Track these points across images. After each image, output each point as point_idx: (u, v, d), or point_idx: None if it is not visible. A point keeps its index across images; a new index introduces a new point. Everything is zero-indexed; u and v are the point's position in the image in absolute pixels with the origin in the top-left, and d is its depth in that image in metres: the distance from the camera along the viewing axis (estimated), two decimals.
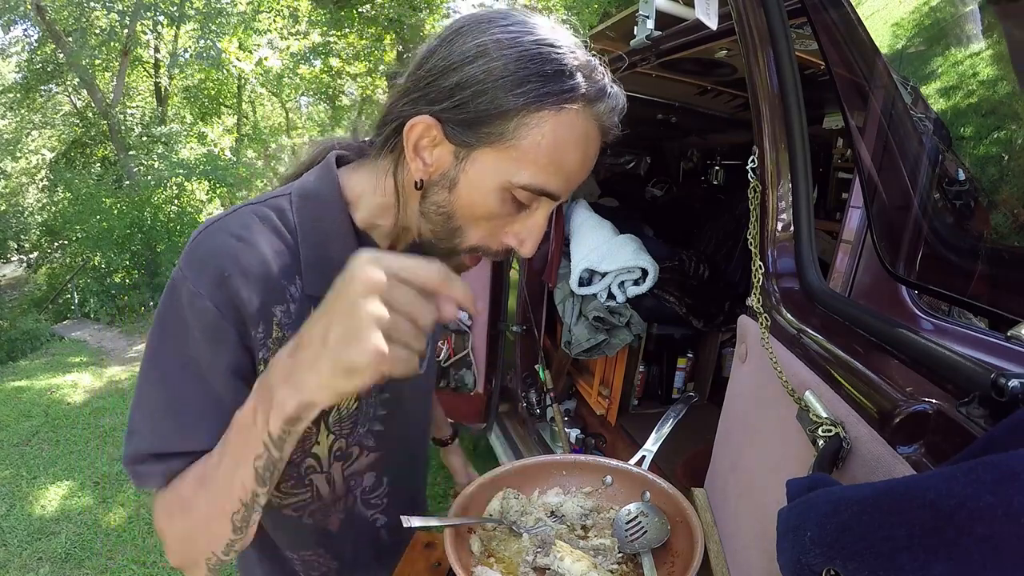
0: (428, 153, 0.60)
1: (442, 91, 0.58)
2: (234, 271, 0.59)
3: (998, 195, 0.62)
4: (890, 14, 0.68)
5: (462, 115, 0.57)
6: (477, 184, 0.59)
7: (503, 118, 0.56)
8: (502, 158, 0.58)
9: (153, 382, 0.62)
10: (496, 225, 0.62)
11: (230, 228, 0.61)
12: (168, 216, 10.01)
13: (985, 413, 0.40)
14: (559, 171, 0.59)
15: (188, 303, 0.59)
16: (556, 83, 0.56)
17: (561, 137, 0.57)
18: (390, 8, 10.11)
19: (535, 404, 2.62)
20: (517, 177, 0.58)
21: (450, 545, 0.66)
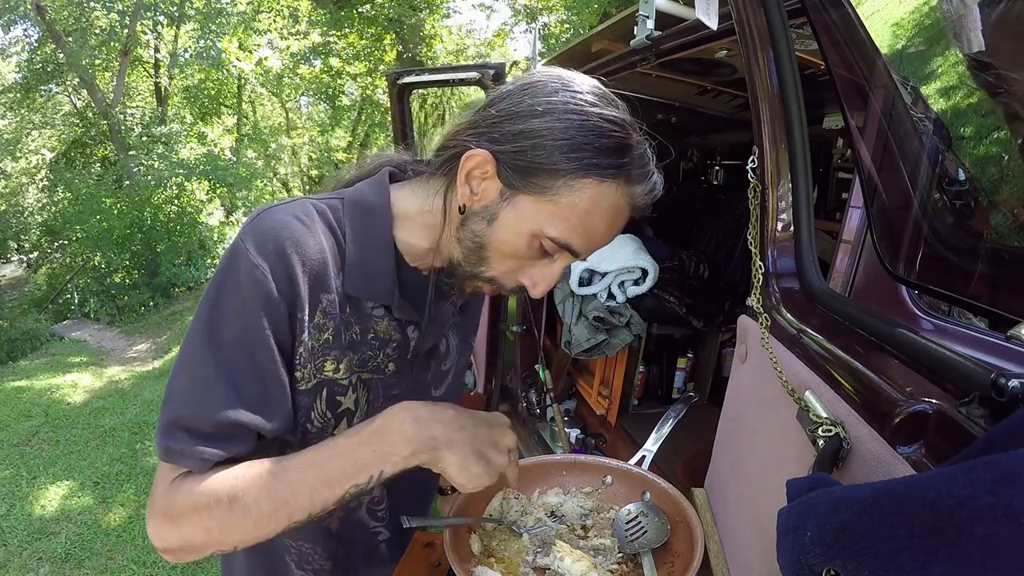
0: (478, 183, 0.65)
1: (505, 134, 0.63)
2: (295, 249, 0.63)
3: (998, 195, 0.62)
4: (890, 14, 0.68)
5: (517, 161, 0.62)
6: (512, 225, 0.64)
7: (552, 175, 0.61)
8: (541, 209, 0.63)
9: (206, 342, 0.61)
10: (519, 265, 0.67)
11: (294, 211, 0.65)
12: (168, 216, 10.02)
13: (985, 413, 0.40)
14: (585, 234, 0.64)
15: (246, 274, 0.61)
16: (607, 158, 0.61)
17: (596, 206, 0.63)
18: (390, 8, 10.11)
19: (535, 404, 2.62)
20: (549, 229, 0.63)
21: (450, 545, 0.66)
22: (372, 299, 0.70)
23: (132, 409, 4.35)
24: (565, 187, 0.62)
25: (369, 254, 0.69)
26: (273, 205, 0.66)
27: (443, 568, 0.79)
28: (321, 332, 0.66)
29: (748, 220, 0.78)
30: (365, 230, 0.69)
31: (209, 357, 0.61)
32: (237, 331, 0.61)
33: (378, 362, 0.73)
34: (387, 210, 0.71)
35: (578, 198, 0.62)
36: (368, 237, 0.69)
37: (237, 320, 0.61)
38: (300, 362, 0.66)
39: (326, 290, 0.66)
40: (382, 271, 0.70)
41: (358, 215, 0.70)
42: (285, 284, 0.62)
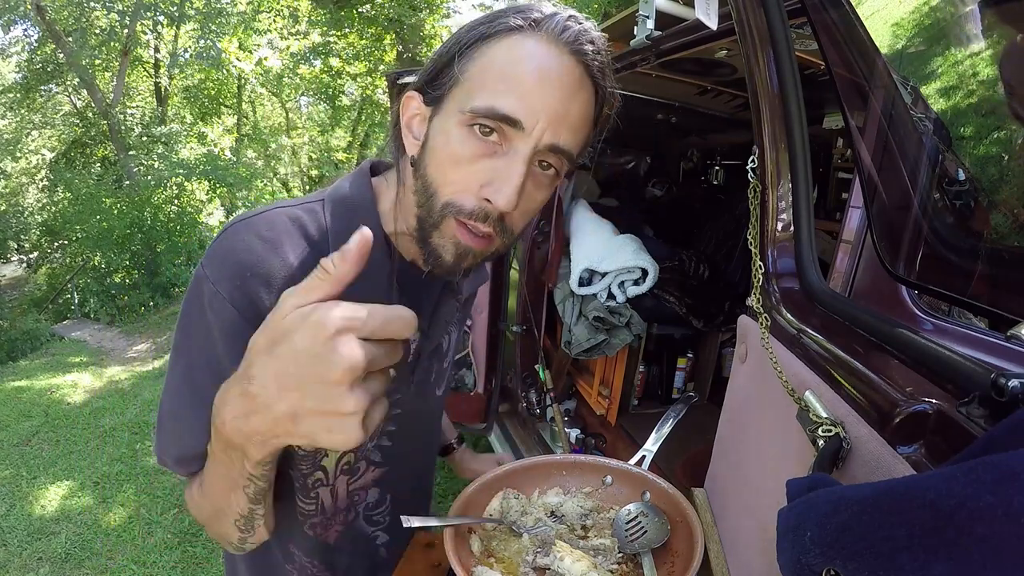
0: (419, 127, 0.63)
1: (425, 71, 0.62)
2: (255, 270, 0.59)
3: (998, 195, 0.62)
4: (890, 14, 0.68)
5: (430, 78, 0.61)
6: (440, 129, 0.60)
7: (451, 63, 0.59)
8: (457, 97, 0.59)
9: (182, 373, 0.64)
10: (467, 173, 0.59)
11: (255, 227, 0.61)
12: (168, 216, 10.01)
13: (985, 413, 0.40)
14: (511, 89, 0.56)
15: (208, 302, 0.60)
16: (500, 19, 0.58)
17: (506, 57, 0.57)
18: (390, 8, 10.11)
19: (535, 404, 2.62)
20: (468, 104, 0.57)
21: (450, 545, 0.66)
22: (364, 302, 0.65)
23: (132, 409, 4.35)
24: (468, 62, 0.58)
25: None
26: (236, 220, 0.63)
27: (443, 568, 0.79)
28: None
29: (748, 220, 0.78)
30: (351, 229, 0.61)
31: (186, 390, 0.63)
32: (205, 360, 0.61)
33: None
34: (372, 202, 0.66)
35: (484, 61, 0.58)
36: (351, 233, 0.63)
37: (205, 350, 0.61)
38: None
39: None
40: (372, 271, 0.63)
41: (341, 213, 0.65)
42: (248, 309, 0.59)
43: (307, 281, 0.45)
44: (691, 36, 1.48)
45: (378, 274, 0.65)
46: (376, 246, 0.63)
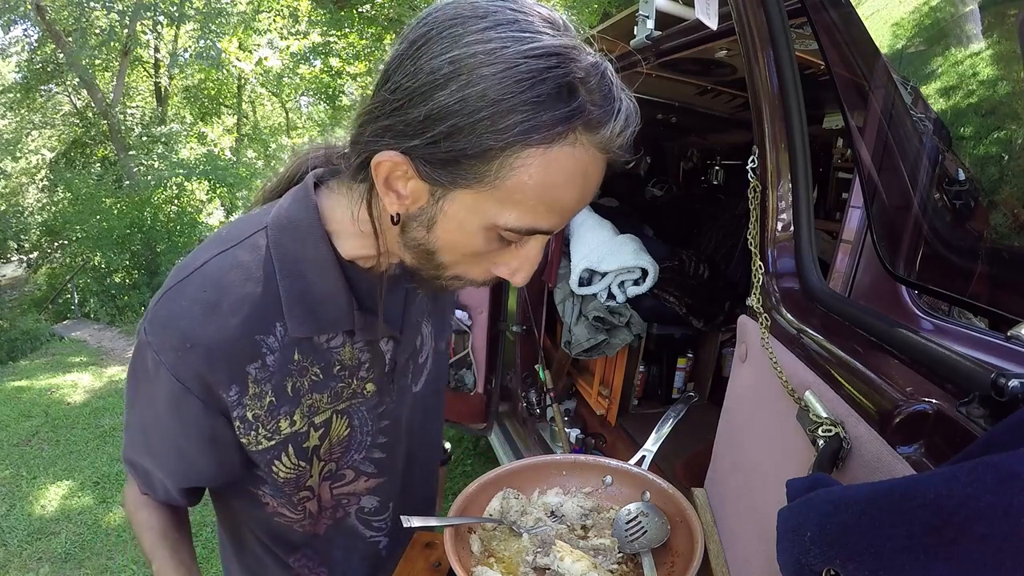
0: (402, 186, 0.52)
1: (410, 124, 0.48)
2: (195, 341, 0.57)
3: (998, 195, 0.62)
4: (890, 14, 0.68)
5: (435, 155, 0.48)
6: (457, 225, 0.52)
7: (483, 159, 0.47)
8: (484, 200, 0.50)
9: (136, 422, 0.68)
10: (484, 259, 0.56)
11: (192, 291, 0.58)
12: (168, 216, 10.02)
13: (985, 413, 0.40)
14: (550, 210, 0.50)
15: (153, 369, 0.59)
16: (549, 111, 0.45)
17: (552, 174, 0.48)
18: (390, 8, 10.10)
19: (535, 404, 2.62)
20: (502, 219, 0.50)
21: (450, 545, 0.66)
22: (327, 330, 0.63)
23: None
24: (504, 168, 0.47)
25: (308, 283, 0.60)
26: (173, 282, 0.59)
27: (443, 568, 0.79)
28: (262, 399, 0.62)
29: (748, 220, 0.78)
30: (299, 256, 0.60)
31: (141, 440, 0.68)
32: (154, 420, 0.64)
33: (353, 388, 0.68)
34: (318, 225, 0.60)
35: (526, 175, 0.47)
36: (304, 263, 0.60)
37: (155, 413, 0.63)
38: (242, 431, 0.63)
39: (252, 359, 0.59)
40: (328, 296, 0.61)
41: (285, 242, 0.60)
42: (191, 380, 0.58)
43: None
44: (691, 36, 1.48)
45: (337, 299, 0.62)
46: (331, 273, 0.61)
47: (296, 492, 0.71)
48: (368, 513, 0.79)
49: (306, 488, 0.71)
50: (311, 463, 0.69)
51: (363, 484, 0.76)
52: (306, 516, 0.74)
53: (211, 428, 0.62)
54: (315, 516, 0.75)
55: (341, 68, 11.87)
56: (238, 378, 0.60)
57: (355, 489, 0.76)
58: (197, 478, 0.69)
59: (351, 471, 0.74)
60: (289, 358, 0.62)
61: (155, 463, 0.68)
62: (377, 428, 0.74)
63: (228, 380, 0.59)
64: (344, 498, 0.76)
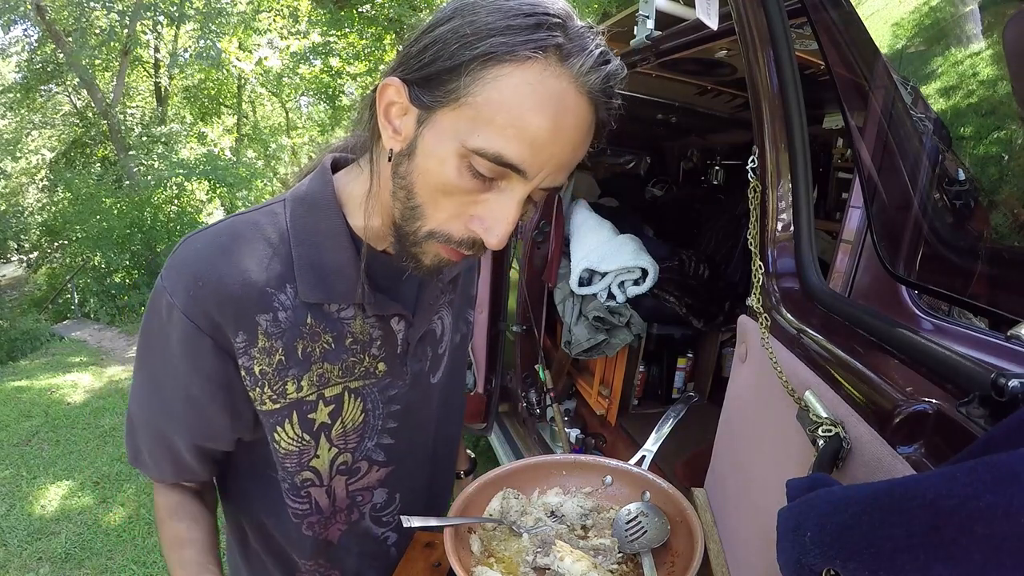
0: (399, 121, 0.56)
1: (411, 56, 0.54)
2: (206, 279, 0.59)
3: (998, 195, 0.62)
4: (890, 14, 0.68)
5: (422, 74, 0.52)
6: (433, 149, 0.53)
7: (457, 72, 0.50)
8: (458, 118, 0.51)
9: (146, 382, 0.67)
10: (458, 205, 0.55)
11: (210, 238, 0.61)
12: (168, 216, 10.02)
13: (985, 413, 0.40)
14: (521, 135, 0.50)
15: (166, 313, 0.60)
16: (524, 34, 0.49)
17: (523, 94, 0.49)
18: (390, 8, 10.09)
19: (535, 404, 2.62)
20: (471, 139, 0.51)
21: (450, 545, 0.66)
22: (336, 300, 0.64)
23: None
24: (476, 81, 0.49)
25: (321, 253, 0.63)
26: (196, 232, 0.62)
27: (443, 568, 0.79)
28: (271, 355, 0.62)
29: (748, 220, 0.78)
30: (312, 227, 0.63)
31: (154, 401, 0.67)
32: (168, 373, 0.64)
33: (365, 366, 0.68)
34: (333, 199, 0.63)
35: (496, 90, 0.49)
36: (317, 234, 0.63)
37: (167, 363, 0.63)
38: (248, 384, 0.63)
39: (263, 309, 0.61)
40: (339, 268, 0.63)
41: (301, 213, 0.63)
42: (202, 318, 0.59)
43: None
44: (691, 36, 1.48)
45: (347, 271, 0.64)
46: (343, 244, 0.63)
47: (298, 471, 0.69)
48: (379, 509, 0.78)
49: (309, 468, 0.70)
50: (317, 440, 0.68)
51: (375, 475, 0.75)
52: (312, 509, 0.73)
53: (223, 372, 0.62)
54: (326, 515, 0.74)
55: (341, 68, 11.87)
56: (247, 324, 0.61)
57: (368, 483, 0.75)
58: (210, 432, 0.67)
59: (365, 462, 0.74)
60: (301, 320, 0.63)
61: (167, 420, 0.66)
62: (387, 412, 0.73)
63: (236, 324, 0.60)
64: (359, 494, 0.75)
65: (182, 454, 0.69)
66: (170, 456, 0.69)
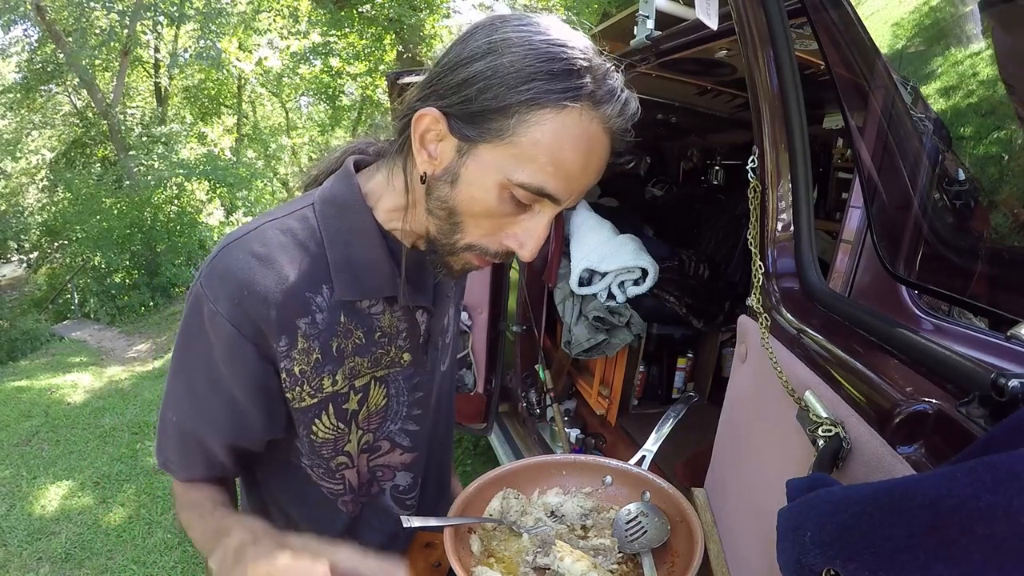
0: (434, 146, 0.61)
1: (450, 87, 0.58)
2: (251, 288, 0.61)
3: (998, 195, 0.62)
4: (890, 14, 0.68)
5: (466, 110, 0.57)
6: (477, 180, 0.59)
7: (504, 114, 0.56)
8: (502, 155, 0.57)
9: (183, 387, 0.68)
10: (496, 224, 0.62)
11: (249, 246, 0.63)
12: (168, 216, 10.02)
13: (985, 413, 0.40)
14: (558, 172, 0.57)
15: (208, 320, 0.62)
16: (561, 81, 0.55)
17: (562, 137, 0.56)
18: (390, 8, 10.09)
19: (535, 404, 2.62)
20: (515, 175, 0.57)
21: (450, 545, 0.66)
22: (370, 295, 0.68)
23: (132, 409, 4.35)
24: (521, 124, 0.56)
25: (354, 251, 0.67)
26: (230, 240, 0.65)
27: (443, 568, 0.79)
28: (309, 355, 0.66)
29: (748, 220, 0.78)
30: (344, 227, 0.67)
31: (188, 403, 0.68)
32: (206, 377, 0.66)
33: (391, 356, 0.73)
34: (361, 200, 0.67)
35: (539, 132, 0.56)
36: (350, 233, 0.67)
37: (205, 368, 0.65)
38: (287, 385, 0.67)
39: (302, 314, 0.64)
40: (372, 264, 0.67)
41: (332, 214, 0.67)
42: (246, 326, 0.62)
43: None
44: (691, 36, 1.48)
45: (381, 267, 0.68)
46: (375, 242, 0.67)
47: (334, 456, 0.73)
48: (402, 491, 0.81)
49: (343, 453, 0.73)
50: (349, 427, 0.72)
51: (398, 457, 0.78)
52: (346, 488, 0.76)
53: (264, 375, 0.65)
54: (356, 493, 0.77)
55: (341, 68, 11.87)
56: (288, 329, 0.64)
57: (390, 461, 0.78)
58: (247, 433, 0.70)
59: (387, 442, 0.77)
60: (336, 319, 0.67)
61: (204, 422, 0.69)
62: (412, 399, 0.76)
63: (279, 330, 0.63)
64: (380, 470, 0.78)
65: (215, 453, 0.71)
66: (203, 455, 0.71)
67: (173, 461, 0.73)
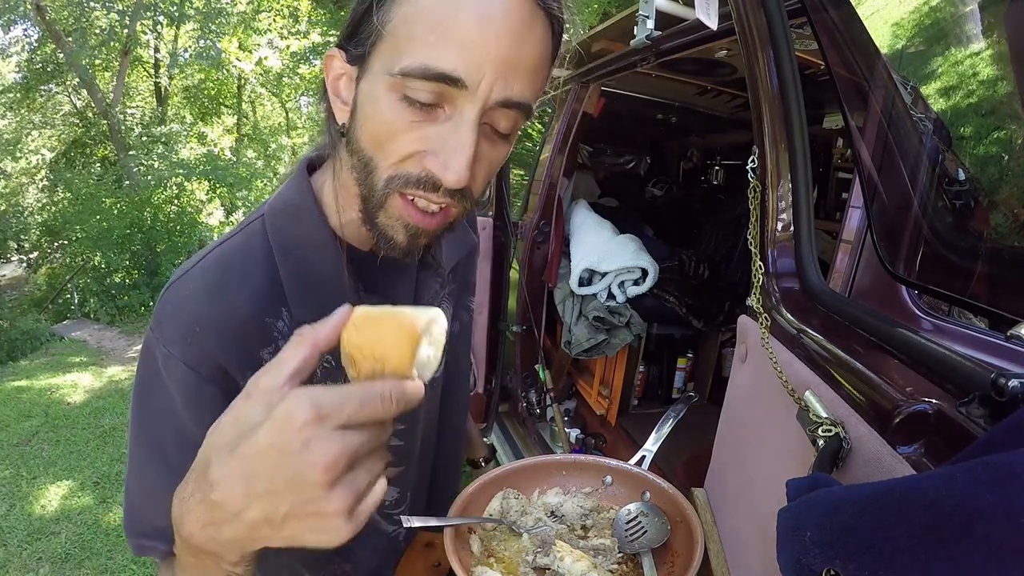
0: (346, 90, 0.53)
1: (345, 25, 0.53)
2: (203, 323, 0.54)
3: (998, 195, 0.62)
4: (890, 14, 0.68)
5: (349, 30, 0.51)
6: (369, 96, 0.50)
7: (369, 9, 0.48)
8: (382, 54, 0.49)
9: (147, 449, 0.58)
10: (406, 144, 0.50)
11: (196, 278, 0.57)
12: (168, 216, 10.02)
13: (985, 413, 0.40)
14: (445, 39, 0.45)
15: (163, 366, 0.55)
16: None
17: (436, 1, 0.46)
18: None
19: (535, 404, 2.62)
20: (397, 64, 0.47)
21: (450, 545, 0.66)
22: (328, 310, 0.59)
23: None
24: (388, 10, 0.47)
25: (308, 265, 0.59)
26: (176, 277, 0.57)
27: (443, 568, 0.79)
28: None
29: (748, 220, 0.78)
30: (296, 239, 0.59)
31: (157, 465, 0.57)
32: (171, 430, 0.56)
33: None
34: (313, 204, 0.59)
35: (409, 9, 0.47)
36: (302, 246, 0.59)
37: (169, 419, 0.56)
38: None
39: (264, 343, 0.57)
40: (330, 277, 0.59)
41: (284, 226, 0.59)
42: (204, 366, 0.54)
43: (283, 351, 0.39)
44: (691, 36, 1.48)
45: (338, 281, 0.60)
46: (329, 251, 0.59)
47: None
48: (389, 507, 0.78)
49: None
50: None
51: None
52: None
53: None
54: None
55: None
56: (252, 363, 0.56)
57: None
58: None
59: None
60: None
61: (171, 488, 0.56)
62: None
63: (241, 365, 0.56)
64: None
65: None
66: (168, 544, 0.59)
67: (150, 539, 0.59)
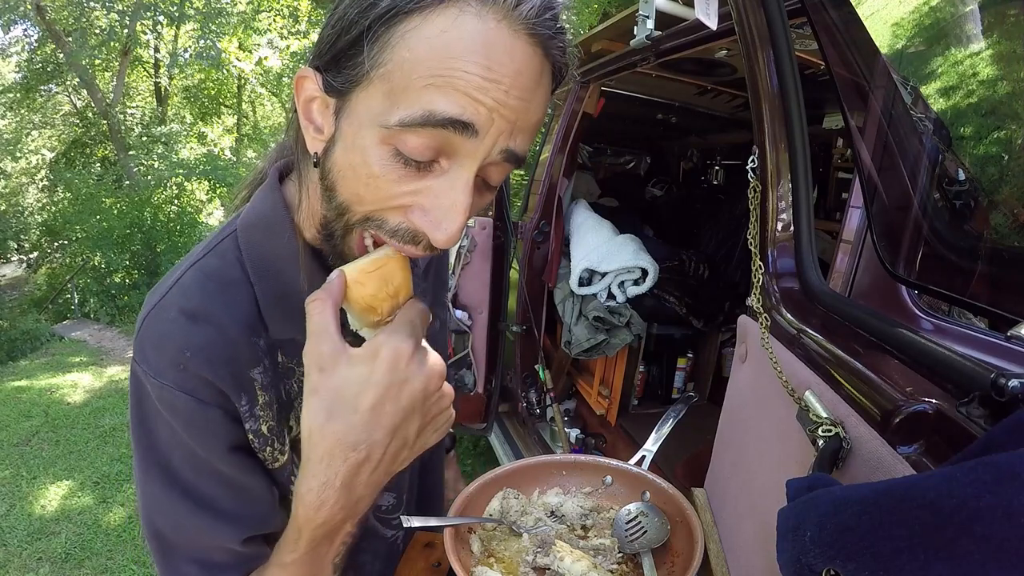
0: (321, 117, 0.49)
1: (323, 38, 0.47)
2: (193, 349, 0.52)
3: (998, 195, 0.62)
4: (890, 14, 0.68)
5: (330, 56, 0.45)
6: (354, 144, 0.45)
7: (359, 42, 0.43)
8: (370, 97, 0.44)
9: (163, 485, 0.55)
10: (390, 196, 0.46)
11: (175, 303, 0.54)
12: (168, 216, 10.03)
13: (985, 413, 0.40)
14: (450, 83, 0.41)
15: (159, 398, 0.52)
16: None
17: (438, 44, 0.41)
18: None
19: (535, 404, 2.62)
20: (392, 115, 0.42)
21: (450, 545, 0.66)
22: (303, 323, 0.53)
23: None
24: (385, 48, 0.42)
25: (285, 282, 0.57)
26: (152, 304, 0.54)
27: (443, 568, 0.79)
28: (271, 408, 0.56)
29: (748, 220, 0.78)
30: (268, 255, 0.57)
31: (177, 498, 0.54)
32: (183, 458, 0.54)
33: None
34: (285, 217, 0.57)
35: (405, 50, 0.41)
36: (277, 261, 0.57)
37: (177, 449, 0.54)
38: (258, 446, 0.57)
39: (254, 363, 0.55)
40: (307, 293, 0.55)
41: (257, 240, 0.56)
42: (201, 390, 0.52)
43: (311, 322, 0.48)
44: (691, 36, 1.49)
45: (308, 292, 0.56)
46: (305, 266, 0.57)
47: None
48: (386, 511, 0.78)
49: None
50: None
51: None
52: None
53: (233, 438, 0.55)
54: None
55: None
56: (246, 385, 0.55)
57: None
58: (254, 509, 0.57)
59: None
60: (274, 364, 0.58)
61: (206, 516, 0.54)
62: None
63: (235, 387, 0.54)
64: None
65: (237, 550, 0.56)
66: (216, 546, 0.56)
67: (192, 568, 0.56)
